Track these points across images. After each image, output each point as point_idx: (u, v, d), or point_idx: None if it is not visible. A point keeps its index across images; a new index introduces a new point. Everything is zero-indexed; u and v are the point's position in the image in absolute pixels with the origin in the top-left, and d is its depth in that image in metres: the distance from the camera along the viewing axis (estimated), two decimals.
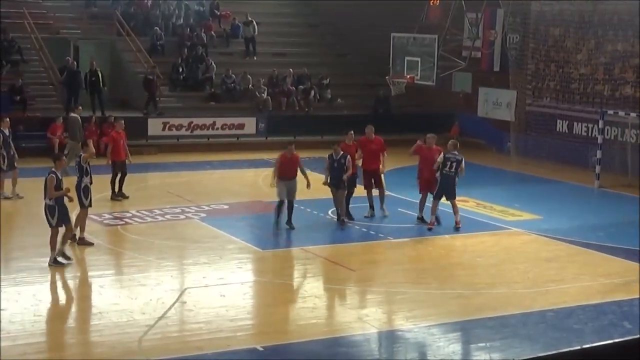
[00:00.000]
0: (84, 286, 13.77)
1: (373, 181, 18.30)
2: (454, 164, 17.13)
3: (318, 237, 16.79)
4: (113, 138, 19.77)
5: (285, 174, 16.96)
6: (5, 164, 18.94)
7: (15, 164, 19.21)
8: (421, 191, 17.84)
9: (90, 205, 15.61)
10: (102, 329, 11.52)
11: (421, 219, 17.72)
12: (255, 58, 31.84)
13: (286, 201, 16.88)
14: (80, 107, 23.84)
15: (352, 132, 18.57)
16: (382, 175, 18.53)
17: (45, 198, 14.27)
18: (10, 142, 19.32)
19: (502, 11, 28.25)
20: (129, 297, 12.80)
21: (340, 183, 17.26)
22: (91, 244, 15.32)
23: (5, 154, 18.89)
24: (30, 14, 28.73)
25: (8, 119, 19.60)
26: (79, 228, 15.41)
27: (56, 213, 14.16)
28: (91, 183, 15.67)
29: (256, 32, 32.00)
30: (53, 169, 14.28)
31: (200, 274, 14.15)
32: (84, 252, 15.23)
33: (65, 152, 21.15)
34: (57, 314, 12.33)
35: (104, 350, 10.83)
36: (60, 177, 14.25)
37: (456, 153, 17.30)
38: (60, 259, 14.18)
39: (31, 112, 25.66)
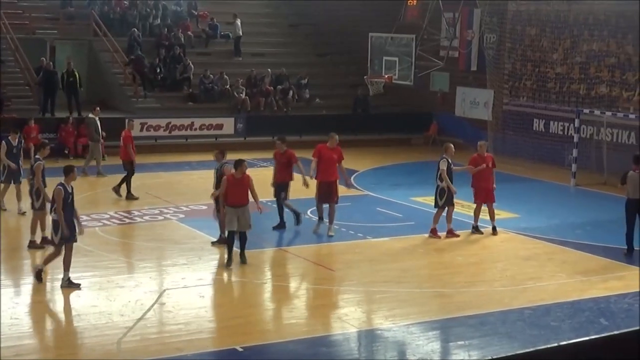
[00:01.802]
0: (62, 288, 13.69)
1: (329, 194, 16.64)
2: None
3: (298, 237, 16.80)
4: (128, 138, 19.94)
5: (234, 201, 14.46)
6: (3, 175, 17.70)
7: (21, 178, 17.72)
8: (476, 200, 17.24)
9: (42, 208, 15.17)
10: (81, 331, 11.47)
11: (476, 228, 17.24)
12: (240, 58, 31.76)
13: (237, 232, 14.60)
14: (98, 109, 23.62)
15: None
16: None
17: (51, 212, 13.31)
18: (19, 154, 18.03)
19: (479, 11, 28.42)
20: (107, 298, 12.74)
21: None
22: (42, 248, 15.00)
23: (7, 165, 17.61)
24: (5, 14, 28.53)
25: (18, 132, 18.71)
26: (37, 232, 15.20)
27: (60, 229, 13.08)
28: (45, 186, 15.27)
29: (241, 32, 31.91)
30: (62, 182, 13.15)
31: (179, 275, 14.12)
32: (62, 254, 15.13)
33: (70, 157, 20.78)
34: (34, 317, 12.25)
35: (82, 353, 10.79)
36: (70, 191, 13.15)
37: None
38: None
39: (7, 112, 25.47)
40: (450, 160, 16.77)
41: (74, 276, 13.34)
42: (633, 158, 16.18)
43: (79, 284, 13.14)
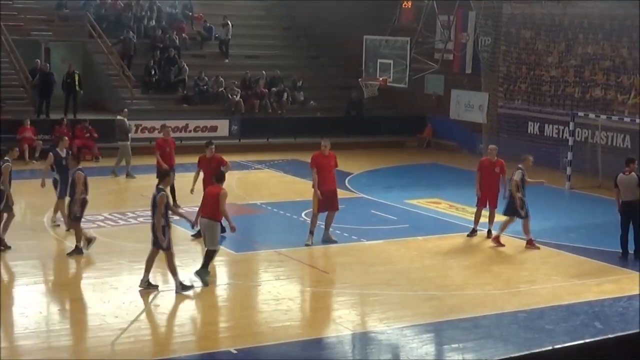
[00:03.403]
0: (56, 290, 13.65)
1: (331, 203, 16.28)
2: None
3: (291, 239, 16.76)
4: (159, 145, 18.99)
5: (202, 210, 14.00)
6: (58, 190, 16.53)
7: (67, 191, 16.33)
8: (478, 204, 17.15)
9: (5, 210, 15.00)
10: (75, 332, 11.43)
11: (474, 231, 17.18)
12: (227, 60, 31.78)
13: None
14: (126, 110, 23.71)
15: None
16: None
17: (153, 217, 13.11)
18: (68, 165, 16.43)
19: (474, 14, 28.43)
20: (101, 300, 12.71)
21: None
22: (9, 248, 14.92)
23: (58, 178, 16.51)
24: (0, 16, 28.45)
25: (67, 139, 17.79)
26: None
27: (167, 233, 13.03)
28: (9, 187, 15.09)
29: (230, 35, 31.95)
30: (161, 187, 12.95)
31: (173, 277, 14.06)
32: (55, 255, 15.11)
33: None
34: (28, 318, 12.20)
35: (76, 354, 10.75)
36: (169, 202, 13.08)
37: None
38: (187, 283, 13.21)
39: (1, 114, 25.41)
40: (524, 172, 16.55)
41: (66, 277, 13.29)
42: (625, 160, 16.23)
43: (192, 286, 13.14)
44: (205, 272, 13.58)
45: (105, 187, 20.02)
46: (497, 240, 16.64)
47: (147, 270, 13.12)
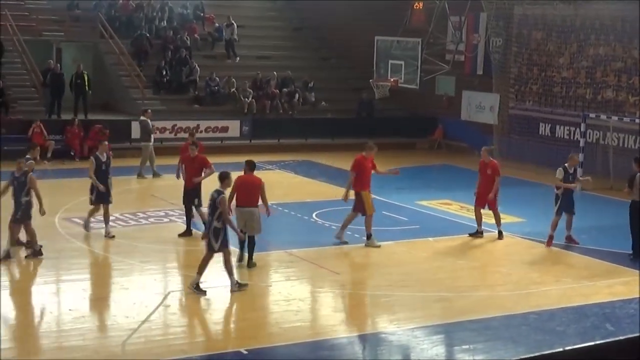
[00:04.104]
0: (66, 290, 13.71)
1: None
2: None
3: (302, 240, 16.80)
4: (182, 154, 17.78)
5: (242, 202, 14.53)
6: (93, 195, 16.07)
7: (110, 198, 16.27)
8: (476, 204, 17.23)
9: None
10: (85, 332, 11.47)
11: (479, 232, 17.25)
12: (237, 60, 31.80)
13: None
14: (150, 111, 23.87)
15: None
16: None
17: (215, 219, 12.96)
18: (108, 170, 16.30)
19: (485, 15, 28.37)
20: (112, 300, 12.76)
21: None
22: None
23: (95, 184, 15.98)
24: (12, 16, 28.59)
25: (107, 142, 17.05)
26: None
27: (221, 235, 13.03)
28: None
29: (235, 35, 31.97)
30: (221, 189, 13.05)
31: (183, 277, 14.12)
32: (66, 256, 15.16)
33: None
34: (39, 318, 12.26)
35: (87, 354, 10.79)
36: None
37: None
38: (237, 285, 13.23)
39: (13, 114, 25.54)
40: (566, 169, 16.71)
41: (78, 277, 13.33)
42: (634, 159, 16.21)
43: (244, 284, 13.26)
44: (253, 264, 14.48)
45: (116, 188, 20.02)
46: (570, 239, 16.83)
47: (200, 273, 13.02)
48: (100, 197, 16.07)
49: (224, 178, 13.38)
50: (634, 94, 24.93)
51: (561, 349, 5.56)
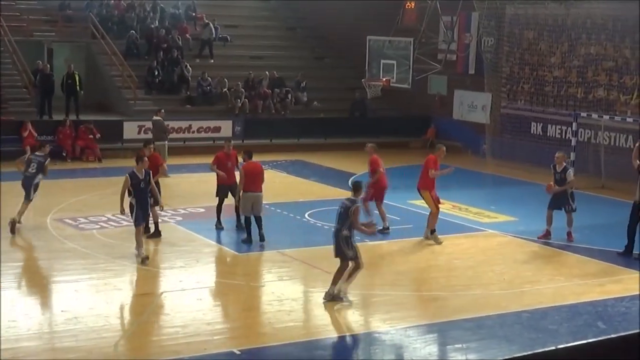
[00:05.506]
0: (59, 291, 13.67)
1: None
2: None
3: (294, 240, 16.79)
4: (218, 159, 17.39)
5: (248, 187, 15.99)
6: (134, 216, 14.73)
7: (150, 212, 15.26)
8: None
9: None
10: (78, 333, 11.44)
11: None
12: (211, 61, 31.50)
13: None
14: (163, 111, 23.95)
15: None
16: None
17: (346, 228, 12.58)
18: (147, 188, 14.88)
19: (477, 14, 28.42)
20: (105, 301, 12.73)
21: None
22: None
23: (134, 202, 14.79)
24: (3, 17, 28.52)
25: (146, 159, 15.17)
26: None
27: (351, 244, 12.71)
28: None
29: (213, 35, 31.84)
30: (354, 198, 12.81)
31: (176, 277, 14.11)
32: (59, 257, 15.12)
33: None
34: (32, 319, 12.22)
35: (80, 355, 10.76)
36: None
37: None
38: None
39: (4, 115, 25.45)
40: (555, 169, 17.16)
41: (71, 278, 13.26)
42: None
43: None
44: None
45: (109, 188, 20.03)
46: (570, 235, 17.05)
47: (334, 282, 12.83)
48: (140, 217, 14.82)
49: (358, 188, 13.01)
50: (625, 93, 25.00)
51: (554, 347, 5.57)
